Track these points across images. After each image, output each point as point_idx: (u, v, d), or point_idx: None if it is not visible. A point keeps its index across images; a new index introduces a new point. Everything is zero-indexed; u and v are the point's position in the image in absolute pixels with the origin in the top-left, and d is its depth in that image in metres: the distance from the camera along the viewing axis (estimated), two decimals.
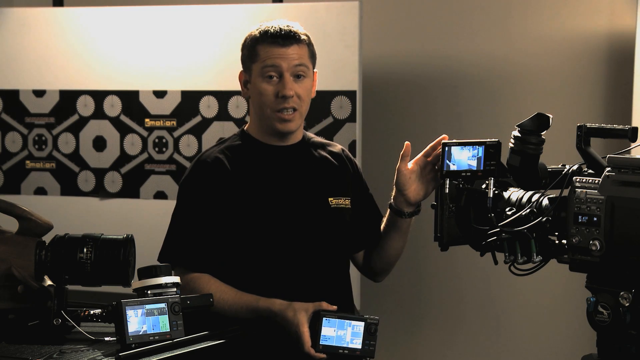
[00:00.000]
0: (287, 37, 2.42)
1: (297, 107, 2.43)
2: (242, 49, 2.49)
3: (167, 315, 2.02)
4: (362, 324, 2.20)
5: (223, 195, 2.41)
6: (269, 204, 2.42)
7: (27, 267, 2.17)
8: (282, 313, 2.27)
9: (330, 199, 2.49)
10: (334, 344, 2.19)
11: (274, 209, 2.42)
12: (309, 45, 2.47)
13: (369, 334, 2.20)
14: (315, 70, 2.50)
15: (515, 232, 1.98)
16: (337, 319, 2.20)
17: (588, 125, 1.95)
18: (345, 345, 2.19)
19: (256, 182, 2.43)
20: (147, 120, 3.91)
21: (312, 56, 2.48)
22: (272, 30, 2.43)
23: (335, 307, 2.25)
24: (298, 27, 2.46)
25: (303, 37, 2.45)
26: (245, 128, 2.53)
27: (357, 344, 2.19)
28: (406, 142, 2.39)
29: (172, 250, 2.43)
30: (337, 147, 2.61)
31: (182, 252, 2.41)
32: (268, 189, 2.43)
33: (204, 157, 2.47)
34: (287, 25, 2.45)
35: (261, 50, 2.43)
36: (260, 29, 2.45)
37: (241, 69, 2.50)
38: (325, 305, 2.25)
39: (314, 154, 2.53)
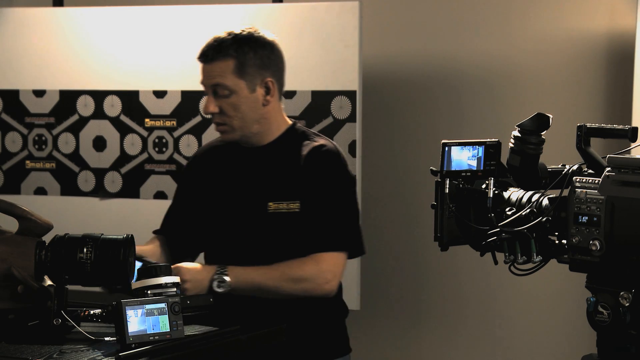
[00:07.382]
0: (208, 54, 2.39)
1: (225, 122, 2.41)
2: None
3: (167, 315, 2.02)
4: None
5: (190, 184, 2.61)
6: (214, 203, 2.51)
7: (27, 267, 2.16)
8: None
9: (269, 204, 2.42)
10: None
11: (217, 211, 2.50)
12: (240, 57, 2.37)
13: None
14: (269, 78, 2.40)
15: (515, 232, 1.98)
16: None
17: (588, 125, 1.95)
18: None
19: (212, 181, 2.54)
20: (147, 120, 3.91)
21: (242, 69, 2.37)
22: (204, 44, 2.43)
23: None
24: (231, 37, 2.37)
25: (231, 50, 2.36)
26: None
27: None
28: None
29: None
30: (312, 145, 2.45)
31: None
32: (218, 189, 2.52)
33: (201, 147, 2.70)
34: (218, 37, 2.39)
35: None
36: None
37: None
38: None
39: (269, 156, 2.48)
